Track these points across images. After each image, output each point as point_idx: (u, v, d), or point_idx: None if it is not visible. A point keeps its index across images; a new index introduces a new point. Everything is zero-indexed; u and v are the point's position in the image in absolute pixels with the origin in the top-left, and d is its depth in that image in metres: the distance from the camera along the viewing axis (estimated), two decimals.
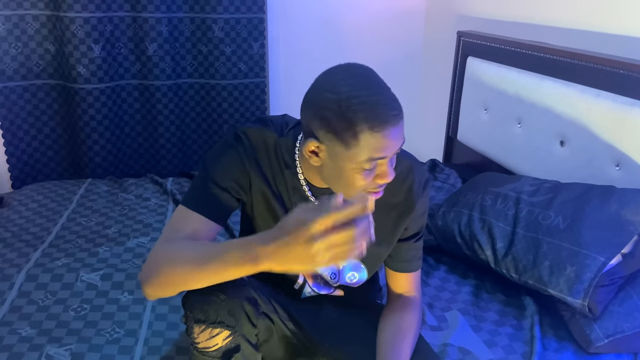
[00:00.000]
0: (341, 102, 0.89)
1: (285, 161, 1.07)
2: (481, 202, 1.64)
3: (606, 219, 1.38)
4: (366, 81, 0.91)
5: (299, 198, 1.08)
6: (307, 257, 0.77)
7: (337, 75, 0.92)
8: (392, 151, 0.93)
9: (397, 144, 0.93)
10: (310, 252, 0.76)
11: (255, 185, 1.07)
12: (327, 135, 0.92)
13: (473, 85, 2.26)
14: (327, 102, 0.90)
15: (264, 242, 0.81)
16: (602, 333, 1.29)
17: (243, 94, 2.52)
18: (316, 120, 0.93)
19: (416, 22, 2.84)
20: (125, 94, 2.42)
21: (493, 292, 1.56)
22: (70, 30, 2.19)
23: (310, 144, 0.95)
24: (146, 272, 0.93)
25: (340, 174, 0.95)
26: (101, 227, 1.86)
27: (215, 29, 2.40)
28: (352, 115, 0.88)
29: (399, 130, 0.92)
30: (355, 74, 0.92)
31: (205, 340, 0.95)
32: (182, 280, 0.90)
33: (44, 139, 2.39)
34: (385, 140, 0.90)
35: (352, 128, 0.89)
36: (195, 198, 1.03)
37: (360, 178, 0.94)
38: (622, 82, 1.59)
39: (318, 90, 0.93)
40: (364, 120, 0.88)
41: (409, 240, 1.16)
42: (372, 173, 0.94)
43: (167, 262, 0.91)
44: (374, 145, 0.90)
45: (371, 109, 0.88)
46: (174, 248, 0.94)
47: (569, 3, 1.92)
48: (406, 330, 1.12)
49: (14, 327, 1.33)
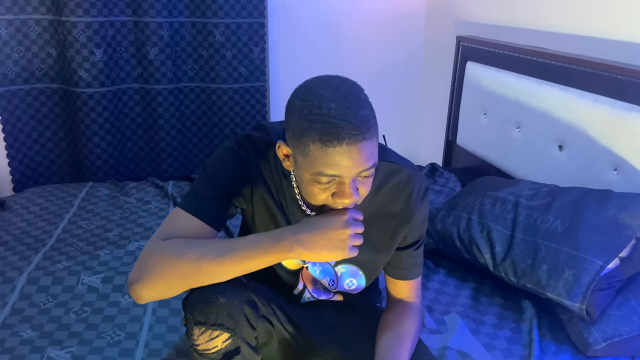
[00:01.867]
0: (304, 110, 0.88)
1: (283, 171, 1.07)
2: (480, 206, 1.65)
3: (604, 223, 1.39)
4: (339, 94, 0.88)
5: (296, 208, 1.08)
6: (340, 242, 0.93)
7: (314, 85, 0.92)
8: (349, 172, 0.89)
9: (354, 165, 0.88)
10: (345, 236, 0.93)
11: (256, 194, 1.07)
12: (291, 141, 0.93)
13: (472, 90, 2.28)
14: (294, 109, 0.92)
15: (295, 230, 0.94)
16: (600, 336, 1.30)
17: (244, 98, 2.54)
18: (286, 124, 0.95)
19: (416, 27, 2.85)
20: (126, 98, 2.43)
21: (492, 295, 1.56)
22: (72, 34, 2.21)
23: (282, 147, 0.97)
24: (142, 271, 0.93)
25: (301, 183, 0.95)
26: (102, 230, 1.87)
27: (216, 33, 2.41)
28: (308, 125, 0.87)
29: (358, 151, 0.87)
30: (331, 86, 0.90)
31: (205, 343, 0.95)
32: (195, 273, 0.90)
33: (45, 143, 2.40)
34: (337, 157, 0.87)
35: (304, 138, 0.88)
36: (194, 202, 1.02)
37: (317, 191, 0.93)
38: (620, 87, 1.60)
39: (293, 96, 0.94)
40: (317, 132, 0.86)
41: (409, 249, 1.16)
42: (329, 189, 0.93)
43: (180, 255, 0.91)
44: (324, 160, 0.88)
45: (328, 122, 0.85)
46: (186, 243, 0.94)
47: (568, 9, 1.93)
48: (405, 335, 1.13)
49: (15, 330, 1.33)
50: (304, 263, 1.14)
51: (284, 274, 1.16)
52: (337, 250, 0.94)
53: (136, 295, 0.94)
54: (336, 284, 1.18)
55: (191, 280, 0.93)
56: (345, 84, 0.92)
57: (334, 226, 0.93)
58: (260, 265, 0.93)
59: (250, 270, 0.94)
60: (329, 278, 1.17)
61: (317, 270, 1.16)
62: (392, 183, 1.09)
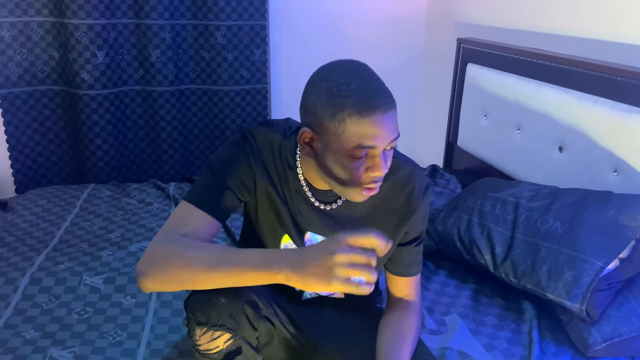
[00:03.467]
0: (332, 89, 0.91)
1: (289, 163, 1.08)
2: (480, 207, 1.65)
3: (604, 224, 1.40)
4: (358, 72, 0.94)
5: (302, 200, 1.09)
6: (326, 270, 0.82)
7: (331, 68, 0.96)
8: (383, 141, 0.93)
9: (388, 133, 0.92)
10: (329, 265, 0.82)
11: (260, 186, 1.08)
12: (319, 124, 0.94)
13: (473, 92, 2.28)
14: (318, 90, 0.93)
15: (286, 253, 0.87)
16: (600, 337, 1.30)
17: (245, 99, 2.55)
18: (309, 110, 0.95)
19: (417, 29, 2.86)
20: (128, 100, 2.44)
21: (492, 296, 1.57)
22: (74, 36, 2.22)
23: (305, 133, 0.97)
24: (149, 265, 0.93)
25: (333, 165, 0.96)
26: (104, 232, 1.87)
27: (217, 35, 2.42)
28: (341, 101, 0.90)
29: (389, 120, 0.92)
30: (348, 67, 0.95)
31: (206, 343, 0.96)
32: (191, 279, 0.91)
33: (47, 144, 2.41)
34: (373, 127, 0.91)
35: (340, 113, 0.90)
36: (199, 194, 1.04)
37: (352, 168, 0.94)
38: (620, 89, 1.61)
39: (311, 82, 0.97)
40: (351, 106, 0.90)
41: (410, 245, 1.17)
42: (363, 164, 0.95)
43: (178, 258, 0.92)
44: (362, 131, 0.91)
45: (360, 95, 0.90)
46: (186, 246, 0.95)
47: (568, 11, 1.94)
48: (406, 334, 1.13)
49: (18, 330, 1.34)
50: None
51: None
52: (322, 279, 0.83)
53: (141, 286, 0.95)
54: None
55: (188, 284, 0.93)
56: (359, 64, 0.97)
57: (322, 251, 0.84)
58: (250, 283, 0.90)
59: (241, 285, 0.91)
60: None
61: None
62: (394, 178, 1.11)
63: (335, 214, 1.11)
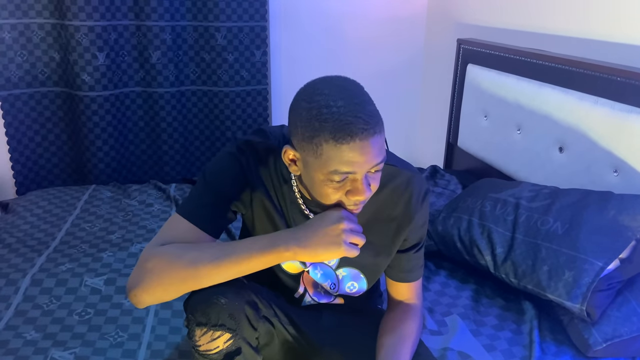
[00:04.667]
0: (312, 111, 0.88)
1: (284, 175, 1.07)
2: (481, 208, 1.65)
3: (604, 224, 1.40)
4: (343, 93, 0.89)
5: (297, 212, 1.09)
6: (335, 237, 0.92)
7: (317, 86, 0.92)
8: (362, 167, 0.90)
9: (367, 160, 0.89)
10: (338, 231, 0.92)
11: (256, 199, 1.07)
12: (300, 144, 0.92)
13: (473, 92, 2.28)
14: (300, 111, 0.91)
15: (292, 231, 0.95)
16: (600, 337, 1.30)
17: (245, 101, 2.55)
18: (291, 129, 0.94)
19: (417, 30, 2.86)
20: (129, 101, 2.44)
21: (492, 296, 1.57)
22: (75, 38, 2.22)
23: (288, 152, 0.96)
24: (143, 275, 0.94)
25: (313, 185, 0.95)
26: (105, 233, 1.88)
27: (218, 37, 2.42)
28: (319, 125, 0.87)
29: (371, 146, 0.88)
30: (334, 85, 0.91)
31: (206, 343, 0.96)
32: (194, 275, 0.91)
33: (48, 146, 2.42)
34: (351, 153, 0.87)
35: (317, 138, 0.88)
36: (191, 208, 1.02)
37: (331, 191, 0.93)
38: (620, 90, 1.61)
39: (296, 99, 0.94)
40: (329, 131, 0.86)
41: (409, 252, 1.16)
42: (343, 187, 0.93)
43: (178, 259, 0.92)
44: (338, 157, 0.88)
45: (339, 119, 0.86)
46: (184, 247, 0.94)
47: (568, 11, 1.94)
48: (406, 337, 1.13)
49: (19, 331, 1.34)
50: (305, 267, 1.15)
51: (284, 278, 1.16)
52: (332, 246, 0.92)
53: (135, 300, 0.95)
54: (337, 287, 1.18)
55: (190, 283, 0.94)
56: (347, 82, 0.93)
57: (327, 222, 0.93)
58: (257, 267, 0.93)
59: (247, 272, 0.94)
60: (330, 281, 1.17)
61: (318, 273, 1.16)
62: (392, 186, 1.10)
63: None
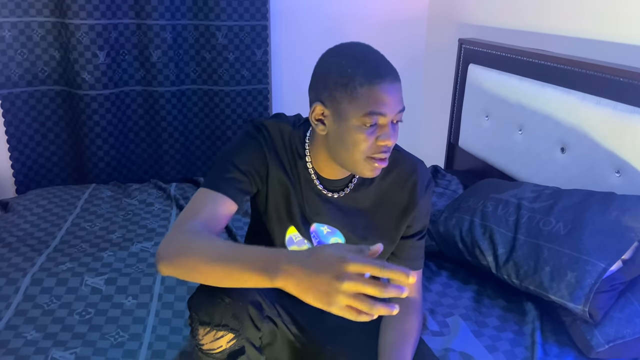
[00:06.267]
0: (341, 62, 0.98)
1: (299, 152, 1.11)
2: (482, 208, 1.65)
3: (606, 225, 1.39)
4: (365, 49, 1.01)
5: (310, 189, 1.11)
6: (326, 293, 0.75)
7: (339, 47, 1.03)
8: (392, 109, 0.98)
9: (396, 102, 0.98)
10: (333, 288, 0.74)
11: (272, 174, 1.10)
12: (331, 97, 0.99)
13: (474, 93, 2.28)
14: (329, 65, 1.00)
15: (290, 260, 0.79)
16: (602, 339, 1.30)
17: (246, 100, 2.54)
18: (320, 84, 1.01)
19: (418, 29, 2.86)
20: (129, 100, 2.44)
21: (494, 297, 1.56)
22: (75, 37, 2.22)
23: (317, 108, 1.01)
24: (169, 252, 0.92)
25: (345, 137, 0.99)
26: (105, 232, 1.87)
27: (218, 36, 2.42)
28: (352, 72, 0.96)
29: (396, 90, 0.98)
30: (356, 46, 1.03)
31: (209, 342, 0.96)
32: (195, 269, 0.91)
33: (48, 145, 2.41)
34: (383, 94, 0.96)
35: (351, 83, 0.96)
36: (215, 179, 1.05)
37: (363, 137, 0.98)
38: (622, 90, 1.61)
39: (321, 60, 1.03)
40: (362, 75, 0.96)
41: (412, 238, 1.19)
42: (374, 132, 0.98)
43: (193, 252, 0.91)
44: (373, 98, 0.96)
45: (369, 66, 0.97)
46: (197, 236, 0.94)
47: (570, 11, 1.94)
48: (408, 333, 1.14)
49: (19, 331, 1.34)
50: None
51: None
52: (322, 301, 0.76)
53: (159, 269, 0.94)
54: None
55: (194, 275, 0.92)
56: (364, 44, 1.03)
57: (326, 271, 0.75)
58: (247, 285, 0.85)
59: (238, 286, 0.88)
60: None
61: None
62: (398, 171, 1.14)
63: (341, 204, 1.13)
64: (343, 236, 1.15)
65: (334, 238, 1.16)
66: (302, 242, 1.15)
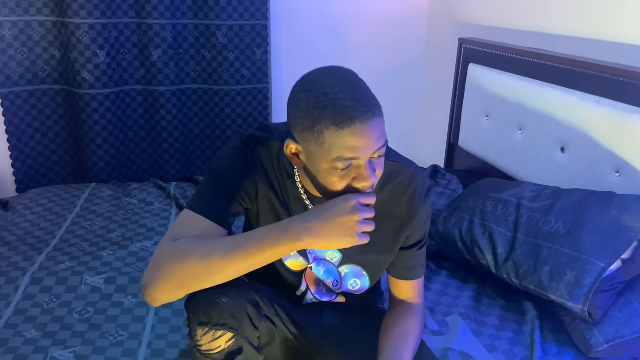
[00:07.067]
0: (310, 100, 0.89)
1: (287, 171, 1.08)
2: (482, 208, 1.65)
3: (606, 225, 1.39)
4: (340, 80, 0.91)
5: (301, 208, 1.09)
6: (349, 228, 0.91)
7: (312, 76, 0.94)
8: (366, 152, 0.90)
9: (370, 143, 0.89)
10: (353, 223, 0.91)
11: (261, 193, 1.07)
12: (301, 135, 0.93)
13: (474, 92, 2.28)
14: (298, 102, 0.92)
15: (303, 219, 0.92)
16: (602, 338, 1.30)
17: (246, 99, 2.54)
18: (292, 121, 0.94)
19: (418, 29, 2.86)
20: (129, 100, 2.44)
21: (494, 297, 1.56)
22: (75, 36, 2.22)
23: (290, 145, 0.96)
24: (158, 272, 0.92)
25: (319, 175, 0.95)
26: (105, 231, 1.87)
27: (219, 35, 2.42)
28: (318, 113, 0.88)
29: (372, 129, 0.88)
30: (330, 74, 0.92)
31: (208, 343, 0.96)
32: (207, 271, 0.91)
33: (48, 144, 2.41)
34: (353, 138, 0.88)
35: (318, 125, 0.88)
36: (201, 202, 1.02)
37: (336, 179, 0.93)
38: (622, 90, 1.61)
39: (293, 92, 0.95)
40: (329, 117, 0.87)
41: (411, 249, 1.16)
42: (348, 175, 0.93)
43: (191, 254, 0.91)
44: (341, 143, 0.88)
45: (337, 105, 0.87)
46: (196, 242, 0.94)
47: (570, 11, 1.94)
48: (408, 336, 1.13)
49: (19, 330, 1.34)
50: (308, 263, 1.15)
51: (287, 275, 1.16)
52: (346, 237, 0.91)
53: (151, 298, 0.94)
54: (340, 284, 1.18)
55: (203, 279, 0.93)
56: (342, 70, 0.94)
57: (342, 212, 0.91)
58: (270, 259, 0.92)
59: (260, 265, 0.93)
60: (333, 278, 1.17)
61: (321, 270, 1.16)
62: (395, 182, 1.10)
63: None
64: (339, 251, 1.14)
65: (331, 252, 1.14)
66: (298, 256, 1.14)
